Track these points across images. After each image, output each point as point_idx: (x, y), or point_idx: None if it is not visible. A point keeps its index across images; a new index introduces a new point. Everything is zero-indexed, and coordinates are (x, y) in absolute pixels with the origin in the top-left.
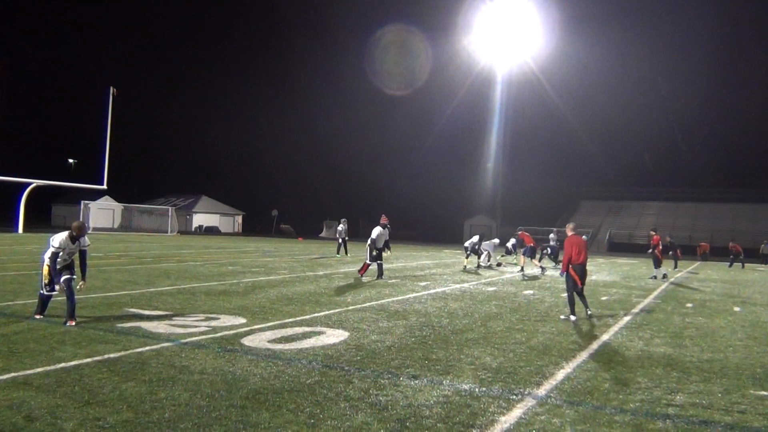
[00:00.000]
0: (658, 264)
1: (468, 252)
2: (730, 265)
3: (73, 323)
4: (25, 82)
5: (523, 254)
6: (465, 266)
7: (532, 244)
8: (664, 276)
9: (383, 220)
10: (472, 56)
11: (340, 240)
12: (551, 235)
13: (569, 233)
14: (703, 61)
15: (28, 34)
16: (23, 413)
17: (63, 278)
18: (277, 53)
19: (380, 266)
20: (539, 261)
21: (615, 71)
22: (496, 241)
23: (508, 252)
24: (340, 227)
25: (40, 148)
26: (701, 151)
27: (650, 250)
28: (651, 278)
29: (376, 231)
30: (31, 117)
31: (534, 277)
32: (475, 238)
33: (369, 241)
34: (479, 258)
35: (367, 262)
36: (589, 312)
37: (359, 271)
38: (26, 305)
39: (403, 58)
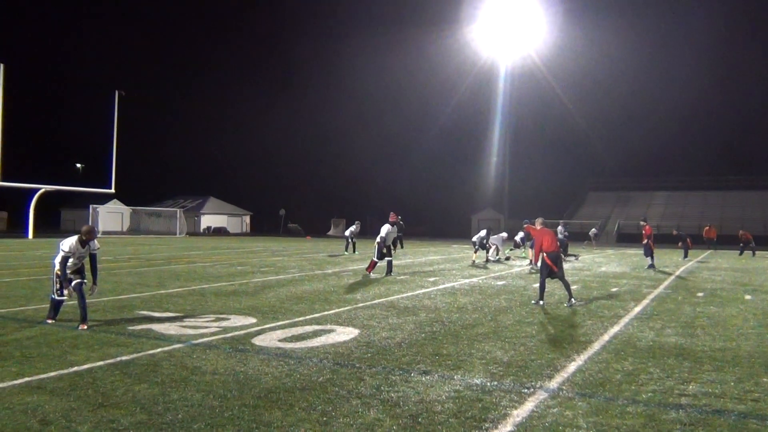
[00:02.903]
0: (650, 253)
1: (476, 247)
2: (741, 253)
3: (85, 327)
4: (30, 87)
5: (531, 248)
6: (473, 261)
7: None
8: (651, 266)
9: (392, 217)
10: (476, 49)
11: (350, 239)
12: (559, 228)
13: (538, 227)
14: (709, 48)
15: (32, 38)
16: (38, 417)
17: (74, 283)
18: (282, 53)
19: (389, 263)
20: None
21: (619, 61)
22: (504, 235)
23: (517, 246)
24: (353, 228)
25: (47, 154)
26: (709, 139)
27: (645, 241)
28: (649, 268)
29: (385, 229)
30: (38, 122)
31: None
32: (483, 233)
33: (378, 239)
34: (487, 252)
35: (375, 259)
36: (572, 301)
37: (367, 268)
38: (38, 310)
39: (407, 53)
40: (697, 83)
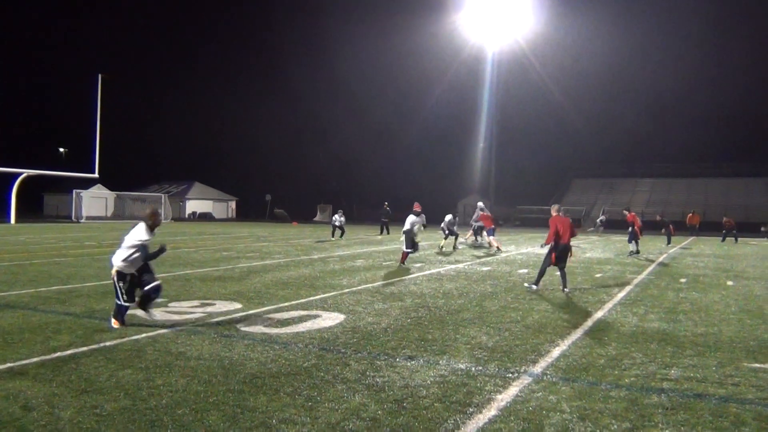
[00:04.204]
0: (633, 239)
1: (446, 233)
2: (723, 240)
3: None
4: (12, 70)
5: (488, 235)
6: (441, 247)
7: (492, 227)
8: (632, 252)
9: (416, 207)
10: (462, 36)
11: (336, 224)
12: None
13: (554, 213)
14: (693, 36)
15: (15, 21)
16: (20, 403)
17: (152, 285)
18: (268, 37)
19: (407, 254)
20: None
21: (605, 48)
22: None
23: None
24: (336, 216)
25: (29, 137)
26: (693, 127)
27: (630, 228)
28: (634, 254)
29: (411, 219)
30: (20, 106)
31: (489, 255)
32: (449, 217)
33: (405, 230)
34: (456, 239)
35: (405, 250)
36: (565, 290)
37: (400, 260)
38: (20, 295)
39: (394, 39)
40: (682, 71)
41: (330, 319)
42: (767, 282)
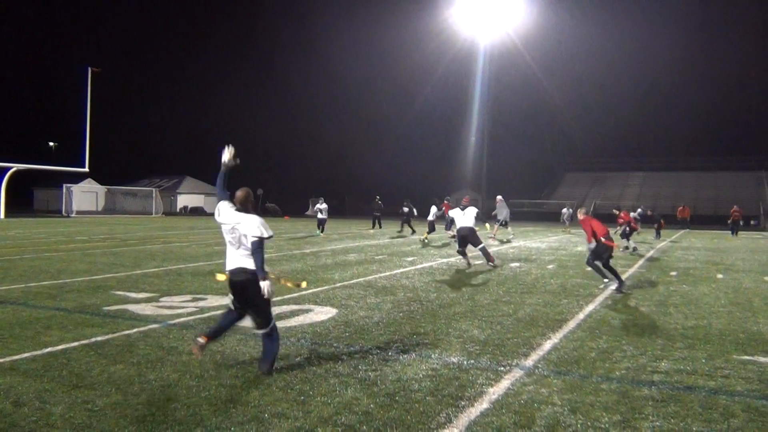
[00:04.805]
0: (626, 236)
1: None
2: (733, 233)
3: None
4: (0, 63)
5: (446, 228)
6: (425, 239)
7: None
8: (626, 248)
9: (465, 200)
10: (454, 29)
11: (322, 216)
12: (563, 210)
13: (581, 217)
14: (684, 30)
15: (1, 13)
16: (11, 399)
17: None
18: (259, 30)
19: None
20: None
21: (597, 42)
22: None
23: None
24: (317, 206)
25: (19, 132)
26: (684, 121)
27: (624, 227)
28: (632, 250)
29: (473, 211)
30: (9, 99)
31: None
32: (434, 209)
33: (470, 224)
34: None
35: (481, 247)
36: (624, 286)
37: (491, 260)
38: (9, 291)
39: (386, 33)
40: (673, 66)
41: (322, 314)
42: (757, 275)
